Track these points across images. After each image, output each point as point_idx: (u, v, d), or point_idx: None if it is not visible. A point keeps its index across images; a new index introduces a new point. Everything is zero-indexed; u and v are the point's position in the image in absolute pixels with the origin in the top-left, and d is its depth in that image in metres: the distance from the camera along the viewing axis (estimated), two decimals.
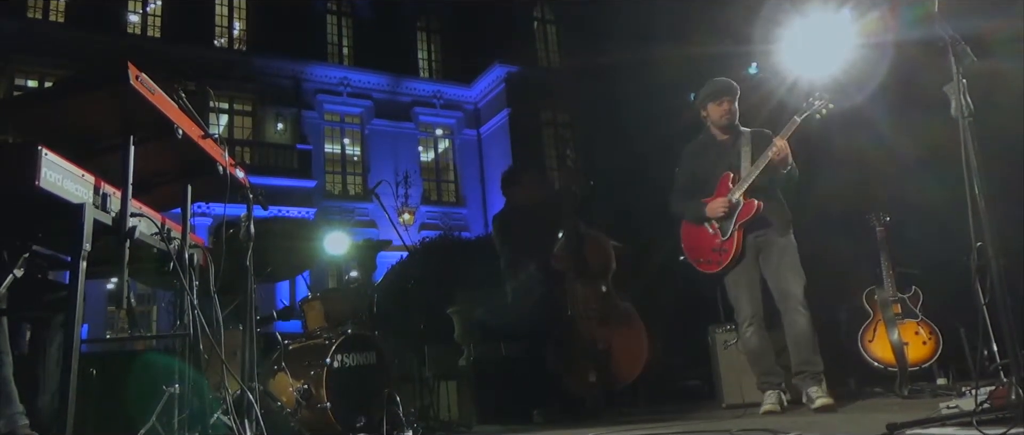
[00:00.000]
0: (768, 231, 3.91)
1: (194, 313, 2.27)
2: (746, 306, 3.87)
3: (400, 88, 23.98)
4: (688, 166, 4.19)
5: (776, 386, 3.82)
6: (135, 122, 1.99)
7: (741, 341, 3.97)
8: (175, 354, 3.41)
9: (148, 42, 20.49)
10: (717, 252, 3.91)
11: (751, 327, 3.86)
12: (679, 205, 4.15)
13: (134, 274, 2.42)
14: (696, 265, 4.06)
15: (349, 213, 21.15)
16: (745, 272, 3.90)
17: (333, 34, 24.11)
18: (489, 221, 22.01)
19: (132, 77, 1.84)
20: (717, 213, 3.89)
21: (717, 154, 4.09)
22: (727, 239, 3.87)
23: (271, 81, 21.80)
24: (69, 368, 1.72)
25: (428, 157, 24.73)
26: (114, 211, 1.95)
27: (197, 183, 2.52)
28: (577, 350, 4.85)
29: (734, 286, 3.93)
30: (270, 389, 3.77)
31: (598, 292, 4.92)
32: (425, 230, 20.21)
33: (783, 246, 3.89)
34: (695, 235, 4.06)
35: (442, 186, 24.50)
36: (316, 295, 4.46)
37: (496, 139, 23.98)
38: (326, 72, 22.96)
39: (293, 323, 4.87)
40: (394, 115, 23.60)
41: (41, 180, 1.69)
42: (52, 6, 20.19)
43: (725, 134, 4.11)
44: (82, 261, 1.77)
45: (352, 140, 23.38)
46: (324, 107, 22.82)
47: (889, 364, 4.51)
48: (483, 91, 24.76)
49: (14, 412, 1.91)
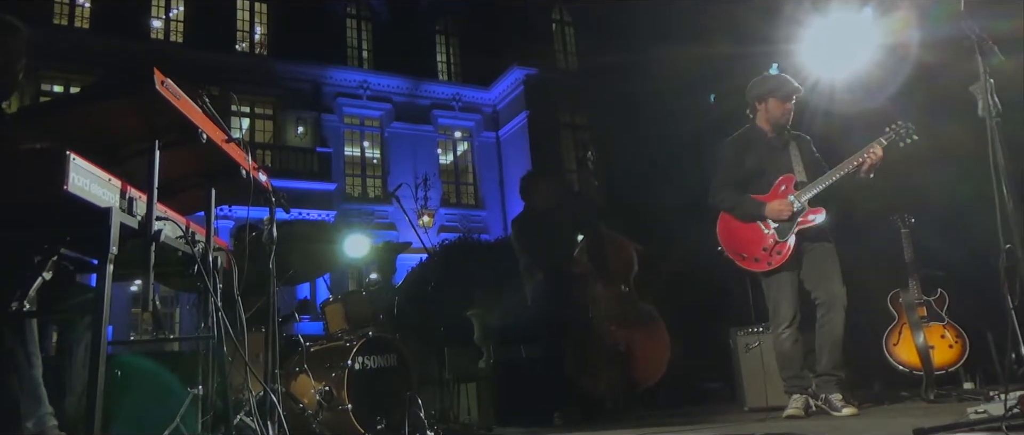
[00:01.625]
0: (817, 235, 3.89)
1: (218, 315, 2.28)
2: (787, 309, 3.82)
3: (419, 91, 24.08)
4: (733, 159, 4.10)
5: (803, 390, 3.77)
6: (161, 127, 2.01)
7: (776, 342, 3.90)
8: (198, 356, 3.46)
9: (171, 47, 20.75)
10: (768, 252, 3.85)
11: (788, 330, 3.81)
12: (726, 198, 4.04)
13: (158, 277, 2.44)
14: (737, 260, 3.97)
15: (369, 216, 21.26)
16: (789, 275, 3.86)
17: (352, 38, 24.26)
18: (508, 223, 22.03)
19: (158, 82, 1.86)
20: (781, 216, 3.84)
21: (767, 152, 4.03)
22: (784, 241, 3.83)
23: (292, 85, 21.99)
24: (96, 369, 1.74)
25: (447, 160, 24.79)
26: (140, 215, 1.97)
27: (221, 187, 2.54)
28: (597, 352, 4.83)
29: (777, 287, 3.86)
30: (292, 391, 3.79)
31: (618, 294, 4.91)
32: (444, 233, 20.29)
33: (829, 249, 3.88)
34: (741, 230, 3.98)
35: (461, 188, 24.55)
36: (337, 297, 4.49)
37: (515, 141, 24.00)
38: (346, 76, 23.11)
39: (314, 325, 4.90)
40: (413, 118, 23.70)
41: (69, 184, 1.71)
42: (77, 13, 20.51)
43: (774, 132, 4.05)
44: (109, 264, 1.79)
45: (371, 143, 23.51)
46: (344, 110, 22.96)
47: (915, 368, 4.45)
48: (502, 93, 24.79)
49: (44, 413, 1.93)
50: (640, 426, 3.94)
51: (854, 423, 3.29)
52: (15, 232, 1.97)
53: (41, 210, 1.87)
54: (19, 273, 1.91)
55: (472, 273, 8.73)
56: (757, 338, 4.61)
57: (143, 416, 3.61)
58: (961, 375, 4.49)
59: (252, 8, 22.91)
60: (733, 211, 4.02)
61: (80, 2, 20.59)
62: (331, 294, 4.64)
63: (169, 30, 21.57)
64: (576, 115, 24.40)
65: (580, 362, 4.89)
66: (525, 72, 23.79)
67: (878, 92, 5.17)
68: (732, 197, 4.03)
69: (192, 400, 3.37)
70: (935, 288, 4.55)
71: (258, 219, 3.10)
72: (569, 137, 24.17)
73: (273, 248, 2.96)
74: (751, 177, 4.02)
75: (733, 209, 4.02)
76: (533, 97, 23.63)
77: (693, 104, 15.15)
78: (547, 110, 23.51)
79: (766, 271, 3.88)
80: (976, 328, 4.44)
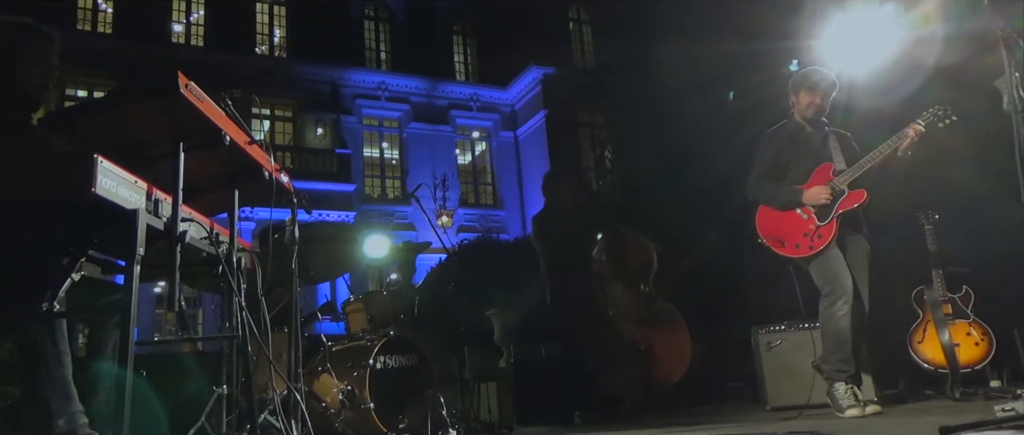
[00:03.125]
0: (858, 228, 3.86)
1: (242, 315, 2.31)
2: (847, 280, 3.71)
3: (437, 92, 24.15)
4: (771, 152, 4.08)
5: (850, 378, 3.67)
6: (185, 129, 2.04)
7: (830, 321, 3.74)
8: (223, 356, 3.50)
9: (192, 51, 20.96)
10: (810, 237, 3.79)
11: (846, 306, 3.68)
12: (764, 190, 4.02)
13: (183, 278, 2.48)
14: (776, 247, 3.91)
15: (388, 216, 21.35)
16: (839, 251, 3.79)
17: (371, 40, 24.38)
18: (527, 223, 22.05)
19: (182, 86, 1.89)
20: (820, 200, 3.79)
21: (805, 144, 4.01)
22: (826, 225, 3.78)
23: (311, 87, 22.13)
24: (125, 369, 1.77)
25: (465, 160, 24.84)
26: (165, 216, 2.00)
27: (244, 188, 2.57)
28: (617, 351, 4.83)
29: (833, 261, 3.76)
30: (315, 390, 3.83)
31: (638, 293, 4.90)
32: (463, 232, 20.32)
33: (865, 252, 3.85)
34: (779, 219, 3.94)
35: (480, 188, 24.58)
36: (358, 297, 4.51)
37: (533, 141, 23.99)
38: (364, 77, 23.22)
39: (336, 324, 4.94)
40: (431, 118, 23.78)
41: (97, 187, 1.74)
42: (100, 18, 20.79)
43: (810, 125, 4.03)
44: (136, 265, 1.82)
45: (390, 144, 23.61)
46: (362, 112, 23.08)
47: (940, 366, 4.40)
48: (519, 93, 24.79)
49: (74, 411, 1.97)
50: (661, 426, 3.93)
51: (879, 422, 3.26)
52: (45, 234, 2.01)
53: (70, 212, 1.90)
54: (49, 274, 1.94)
55: (492, 272, 8.74)
56: (779, 336, 4.57)
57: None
58: (987, 373, 4.42)
59: (271, 11, 23.10)
60: (771, 201, 3.98)
61: (102, 8, 20.87)
62: (352, 294, 4.67)
63: (190, 34, 21.80)
64: (594, 114, 24.35)
65: (600, 361, 4.88)
66: (543, 71, 23.78)
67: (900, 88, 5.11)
68: (769, 188, 4.00)
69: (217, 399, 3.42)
70: (960, 285, 4.50)
71: (280, 220, 3.14)
72: (587, 136, 24.11)
73: (295, 249, 2.99)
74: (789, 169, 4.00)
75: (771, 200, 3.98)
76: (551, 96, 23.61)
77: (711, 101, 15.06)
78: (565, 109, 23.48)
79: (808, 255, 3.81)
80: (1003, 325, 4.38)
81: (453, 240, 12.71)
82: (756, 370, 4.68)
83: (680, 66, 18.83)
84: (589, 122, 24.38)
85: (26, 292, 1.90)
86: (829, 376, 3.74)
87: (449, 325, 5.91)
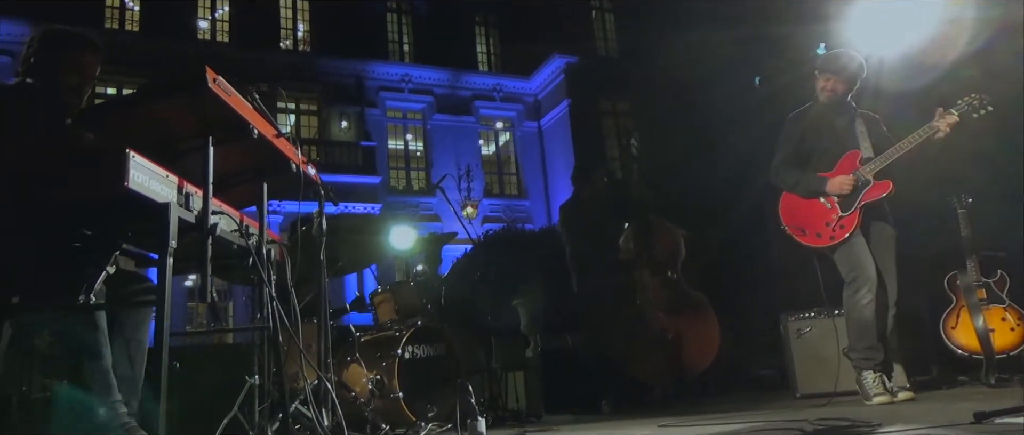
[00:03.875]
0: (882, 215, 3.81)
1: (273, 306, 2.34)
2: (870, 270, 3.67)
3: (460, 83, 24.16)
4: (795, 136, 4.03)
5: (878, 365, 3.64)
6: (213, 123, 2.07)
7: (854, 309, 3.71)
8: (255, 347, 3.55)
9: (218, 47, 21.17)
10: (832, 226, 3.76)
11: (870, 294, 3.65)
12: (787, 177, 3.98)
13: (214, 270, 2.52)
14: (797, 236, 3.88)
15: (413, 208, 21.45)
16: (862, 239, 3.75)
17: (393, 32, 24.43)
18: (552, 212, 22.02)
19: (210, 80, 1.91)
20: (843, 190, 3.75)
21: (831, 128, 3.95)
22: (848, 215, 3.74)
23: (335, 80, 22.26)
24: (161, 361, 1.81)
25: (489, 150, 24.85)
26: (196, 209, 2.04)
27: (272, 181, 2.60)
28: (645, 339, 4.82)
29: (857, 249, 3.72)
30: (344, 380, 3.87)
31: (666, 280, 4.88)
32: (488, 223, 20.36)
33: (890, 238, 3.79)
34: (802, 207, 3.91)
35: (504, 179, 24.59)
36: (386, 288, 4.55)
37: (557, 130, 23.92)
38: (388, 70, 23.31)
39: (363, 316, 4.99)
40: (455, 110, 23.81)
41: (130, 181, 1.78)
42: (127, 16, 21.07)
43: (837, 110, 3.96)
44: (169, 258, 1.85)
45: (414, 136, 23.69)
46: (386, 104, 23.18)
47: (974, 352, 4.33)
48: (543, 83, 24.72)
49: (114, 400, 2.02)
50: (689, 414, 3.92)
51: (912, 408, 3.22)
52: (80, 228, 2.05)
53: (104, 206, 1.94)
54: (86, 267, 1.99)
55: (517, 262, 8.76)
56: (809, 323, 4.53)
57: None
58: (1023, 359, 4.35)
59: (295, 5, 23.23)
60: (794, 189, 3.94)
61: (130, 6, 21.14)
62: (379, 285, 4.71)
63: (215, 30, 22.02)
64: (618, 102, 24.20)
65: (628, 349, 4.88)
66: (565, 60, 23.67)
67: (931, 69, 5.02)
68: (793, 175, 3.95)
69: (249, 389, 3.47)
70: (995, 269, 4.42)
71: (308, 213, 3.17)
72: (611, 125, 23.98)
73: (323, 241, 3.02)
74: (814, 154, 3.94)
75: (794, 187, 3.94)
76: (574, 85, 23.50)
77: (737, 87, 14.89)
78: (588, 98, 23.36)
79: (830, 245, 3.77)
80: None
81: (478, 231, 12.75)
82: (785, 357, 4.65)
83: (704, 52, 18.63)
84: (612, 111, 24.24)
85: (65, 285, 1.95)
86: (856, 365, 3.70)
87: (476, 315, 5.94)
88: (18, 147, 2.02)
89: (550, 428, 3.79)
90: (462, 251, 11.45)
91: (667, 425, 3.20)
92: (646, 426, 3.29)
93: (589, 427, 3.71)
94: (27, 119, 2.20)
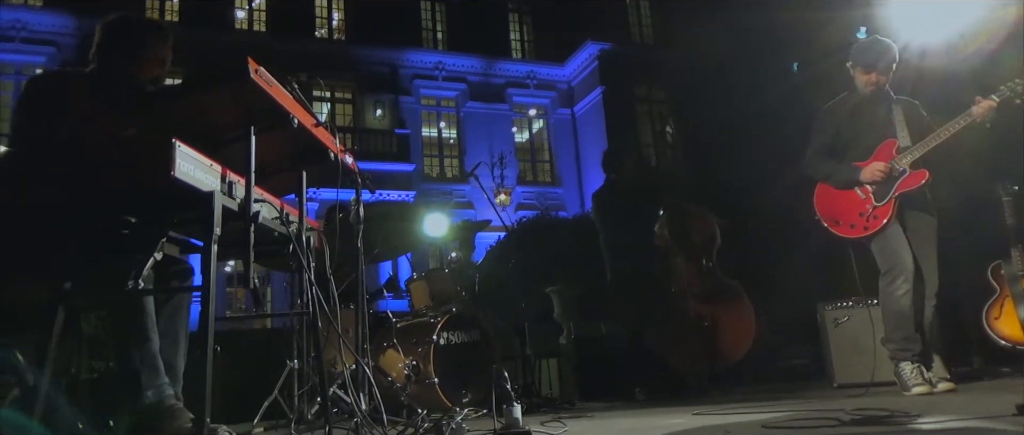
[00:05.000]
0: (922, 204, 3.73)
1: (313, 291, 2.39)
2: (908, 258, 3.59)
3: (493, 70, 24.16)
4: (828, 126, 3.96)
5: (915, 356, 3.58)
6: (255, 113, 2.11)
7: (890, 300, 3.65)
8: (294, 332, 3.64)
9: (255, 37, 21.45)
10: (866, 217, 3.70)
11: (906, 284, 3.57)
12: (820, 167, 3.92)
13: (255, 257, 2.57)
14: (832, 226, 3.83)
15: (447, 195, 21.56)
16: (899, 228, 3.67)
17: (427, 20, 24.48)
18: (585, 200, 21.96)
19: (252, 71, 1.95)
20: (875, 178, 3.68)
21: (867, 118, 3.87)
22: (883, 205, 3.67)
23: (370, 69, 22.42)
24: (206, 345, 1.87)
25: (523, 138, 24.83)
26: (239, 197, 2.09)
27: (310, 169, 2.65)
28: (680, 327, 4.81)
29: (893, 239, 3.65)
30: (381, 365, 3.94)
31: (701, 268, 4.86)
32: (521, 210, 20.39)
33: (931, 228, 3.70)
34: (836, 198, 3.85)
35: (537, 166, 24.57)
36: (421, 275, 4.61)
37: (590, 117, 23.81)
38: (421, 58, 23.39)
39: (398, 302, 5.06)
40: (488, 97, 23.82)
41: (176, 171, 1.83)
42: (167, 8, 21.44)
43: (874, 99, 3.87)
44: (214, 245, 1.91)
45: (448, 123, 23.77)
46: (420, 92, 23.28)
47: (1018, 342, 4.24)
48: (576, 69, 24.59)
49: (161, 383, 2.09)
50: (724, 402, 3.91)
51: (952, 399, 3.18)
52: (129, 215, 2.12)
53: (151, 195, 2.00)
54: (135, 254, 2.05)
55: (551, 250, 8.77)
56: (846, 313, 4.47)
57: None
58: None
59: None
60: (829, 180, 3.88)
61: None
62: (414, 272, 4.77)
63: (252, 20, 22.29)
64: (652, 88, 23.97)
65: (662, 338, 4.87)
66: (599, 47, 23.50)
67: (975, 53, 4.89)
68: (827, 166, 3.89)
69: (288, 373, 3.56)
70: None
71: (345, 200, 3.22)
72: (645, 111, 23.79)
73: (360, 228, 3.07)
74: (849, 144, 3.88)
75: (828, 178, 3.88)
76: (608, 72, 23.33)
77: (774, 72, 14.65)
78: (622, 84, 23.18)
79: (863, 237, 3.71)
80: None
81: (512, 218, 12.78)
82: (822, 347, 4.60)
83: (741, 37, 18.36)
84: (647, 97, 24.03)
85: (115, 271, 2.02)
86: (893, 356, 3.65)
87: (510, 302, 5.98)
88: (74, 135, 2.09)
89: (584, 415, 3.80)
90: (496, 238, 11.50)
91: (701, 413, 3.19)
92: (680, 414, 3.29)
93: (623, 414, 3.72)
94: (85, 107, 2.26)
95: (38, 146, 2.17)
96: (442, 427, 2.50)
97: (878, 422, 2.28)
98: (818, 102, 4.18)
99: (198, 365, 1.89)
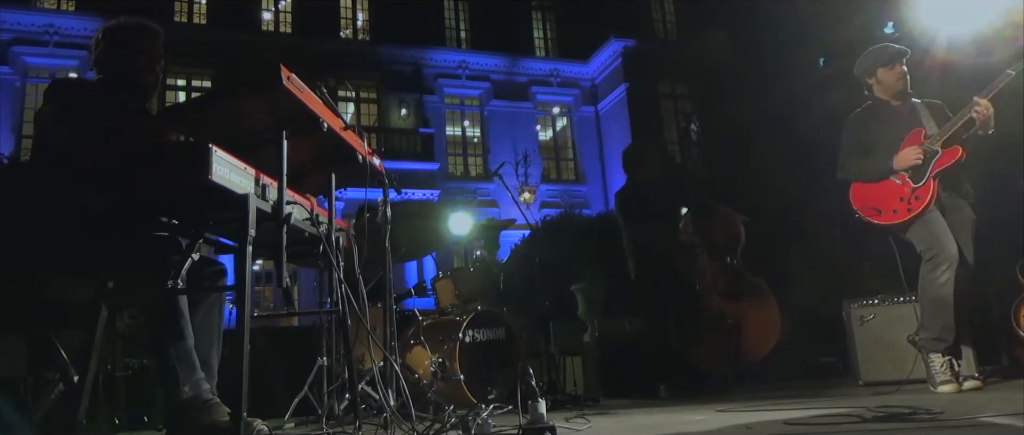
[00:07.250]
0: (959, 192, 3.71)
1: (342, 290, 2.46)
2: (950, 246, 3.53)
3: (517, 68, 24.19)
4: (857, 134, 3.96)
5: (948, 349, 3.53)
6: (286, 118, 2.18)
7: (931, 287, 3.57)
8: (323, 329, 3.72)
9: (281, 38, 21.70)
10: (906, 201, 3.66)
11: (949, 272, 3.50)
12: (853, 167, 3.90)
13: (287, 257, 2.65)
14: (873, 217, 3.77)
15: (471, 194, 21.63)
16: (940, 218, 3.63)
17: (450, 19, 24.58)
18: (609, 198, 21.90)
19: (285, 78, 2.02)
20: (910, 162, 3.66)
21: (893, 120, 3.86)
22: (922, 186, 3.63)
23: (394, 68, 22.58)
24: (242, 341, 1.94)
25: (546, 136, 24.84)
26: (272, 200, 2.16)
27: (339, 171, 2.72)
28: (704, 325, 4.81)
29: (935, 224, 3.60)
30: (408, 362, 4.01)
31: (726, 266, 4.86)
32: (546, 208, 20.42)
33: (970, 218, 3.67)
34: (874, 189, 3.81)
35: (561, 164, 24.57)
36: (446, 273, 4.67)
37: (614, 115, 23.75)
38: (445, 57, 23.50)
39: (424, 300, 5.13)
40: (512, 95, 23.86)
41: (213, 174, 1.90)
42: (195, 10, 21.78)
43: (898, 101, 3.87)
44: (249, 246, 1.98)
45: (472, 122, 23.86)
46: (444, 91, 23.39)
47: None
48: (600, 67, 24.54)
49: (198, 378, 2.16)
50: (748, 400, 3.92)
51: (978, 397, 3.16)
52: (167, 218, 2.20)
53: (189, 198, 2.08)
54: (173, 254, 2.13)
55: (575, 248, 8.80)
56: (872, 310, 4.46)
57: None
58: None
59: None
60: (862, 176, 3.86)
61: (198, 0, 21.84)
62: (439, 270, 4.83)
63: (279, 21, 22.56)
64: (676, 85, 23.85)
65: (687, 335, 4.88)
66: (623, 44, 23.43)
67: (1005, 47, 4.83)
68: (859, 164, 3.88)
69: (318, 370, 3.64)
70: None
71: (372, 201, 3.29)
72: (669, 108, 23.67)
73: (388, 228, 3.13)
74: (879, 145, 3.86)
75: (861, 174, 3.86)
76: (632, 69, 23.26)
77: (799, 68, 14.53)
78: (646, 82, 23.10)
79: (907, 219, 3.65)
80: None
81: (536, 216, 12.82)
82: (848, 344, 4.59)
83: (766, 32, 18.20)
84: (671, 94, 23.91)
85: (155, 271, 2.10)
86: (925, 346, 3.61)
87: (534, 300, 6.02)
88: (110, 140, 2.17)
89: (608, 412, 3.84)
90: (520, 237, 11.56)
91: (725, 410, 3.22)
92: (704, 412, 3.31)
93: (647, 412, 3.74)
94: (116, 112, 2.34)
95: (76, 149, 2.24)
96: (468, 423, 2.55)
97: (901, 419, 2.29)
98: (844, 97, 4.17)
99: (234, 360, 1.95)
